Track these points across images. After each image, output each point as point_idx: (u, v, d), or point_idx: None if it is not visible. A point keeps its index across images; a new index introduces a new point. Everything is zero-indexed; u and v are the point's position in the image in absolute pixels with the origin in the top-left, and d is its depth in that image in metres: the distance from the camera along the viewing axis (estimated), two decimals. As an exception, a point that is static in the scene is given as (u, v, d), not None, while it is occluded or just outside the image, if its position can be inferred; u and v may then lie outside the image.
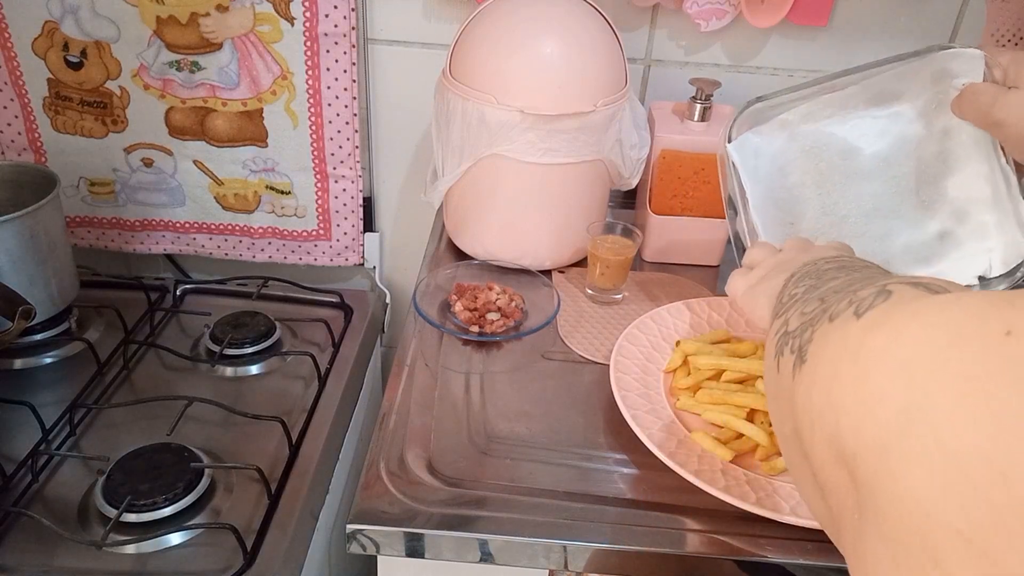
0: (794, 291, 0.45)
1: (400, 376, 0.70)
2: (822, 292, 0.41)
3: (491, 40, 0.77)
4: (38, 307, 0.82)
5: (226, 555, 0.67)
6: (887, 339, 0.29)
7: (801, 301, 0.42)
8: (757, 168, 0.69)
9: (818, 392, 0.32)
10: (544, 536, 0.56)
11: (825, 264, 0.48)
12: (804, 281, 0.46)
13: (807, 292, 0.43)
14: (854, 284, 0.38)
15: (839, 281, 0.42)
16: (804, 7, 0.89)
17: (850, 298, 0.34)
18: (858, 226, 0.69)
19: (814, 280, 0.45)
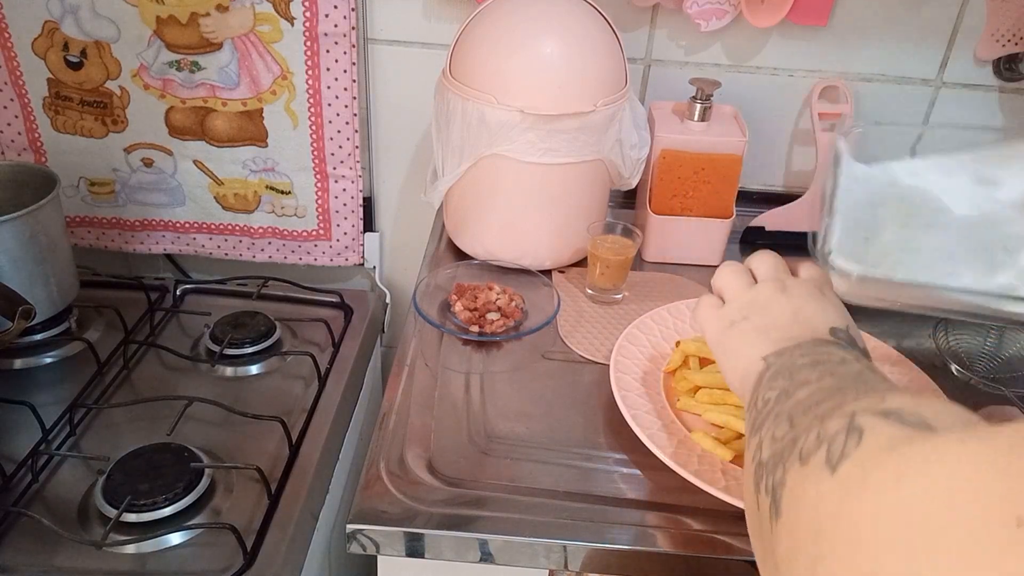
0: (767, 395, 0.43)
1: (400, 376, 0.70)
2: (792, 407, 0.39)
3: (491, 40, 0.77)
4: (38, 307, 0.82)
5: (226, 555, 0.67)
6: (872, 511, 0.27)
7: (773, 416, 0.40)
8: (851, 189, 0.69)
9: (802, 563, 0.30)
10: (544, 536, 0.56)
11: (800, 356, 0.45)
12: (777, 381, 0.44)
13: (779, 401, 0.41)
14: (822, 401, 0.36)
15: (810, 389, 0.39)
16: (804, 7, 0.89)
17: (818, 431, 0.33)
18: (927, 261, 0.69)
19: (786, 381, 0.43)
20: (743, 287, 0.55)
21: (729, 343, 0.52)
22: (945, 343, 0.87)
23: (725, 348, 0.53)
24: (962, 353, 0.86)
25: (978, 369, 0.85)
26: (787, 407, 0.39)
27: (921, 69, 0.95)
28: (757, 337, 0.50)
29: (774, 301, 0.52)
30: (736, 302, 0.54)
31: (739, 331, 0.52)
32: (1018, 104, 0.97)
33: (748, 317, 0.52)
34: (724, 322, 0.53)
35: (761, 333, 0.50)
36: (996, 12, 0.91)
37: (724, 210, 0.88)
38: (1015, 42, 0.92)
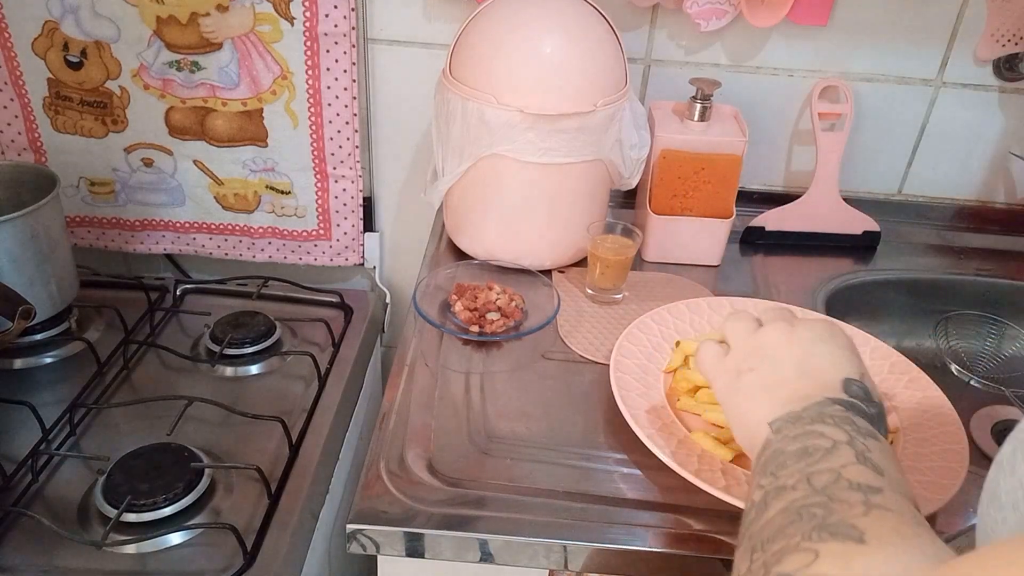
0: (755, 495, 0.41)
1: (400, 376, 0.70)
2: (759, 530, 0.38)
3: (491, 40, 0.77)
4: (38, 307, 0.82)
5: (226, 555, 0.67)
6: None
7: (747, 539, 0.38)
8: None
9: None
10: (544, 536, 0.56)
11: (794, 439, 0.43)
12: (765, 477, 0.42)
13: (758, 511, 0.40)
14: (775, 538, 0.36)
15: (778, 507, 0.38)
16: (804, 7, 0.89)
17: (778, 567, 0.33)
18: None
19: (770, 480, 0.41)
20: (748, 331, 0.52)
21: (736, 400, 0.50)
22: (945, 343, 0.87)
23: (732, 405, 0.51)
24: (962, 353, 0.86)
25: (978, 369, 0.85)
26: (756, 529, 0.38)
27: (921, 69, 0.95)
28: (764, 395, 0.48)
29: (781, 346, 0.49)
30: (741, 349, 0.51)
31: (746, 385, 0.49)
32: (1018, 104, 0.97)
33: (754, 368, 0.49)
34: (730, 373, 0.51)
35: (768, 390, 0.48)
36: (996, 12, 0.91)
37: (724, 210, 0.88)
38: (1015, 42, 0.92)
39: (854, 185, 1.02)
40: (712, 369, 0.53)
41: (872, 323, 0.87)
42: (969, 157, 1.01)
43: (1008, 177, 1.03)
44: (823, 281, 0.89)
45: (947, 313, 0.89)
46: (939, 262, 0.97)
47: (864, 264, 0.94)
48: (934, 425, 0.63)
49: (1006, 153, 1.01)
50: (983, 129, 0.99)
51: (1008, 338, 0.87)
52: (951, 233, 1.03)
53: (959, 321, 0.88)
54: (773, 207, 0.96)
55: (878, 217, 0.97)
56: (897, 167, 1.02)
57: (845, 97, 0.93)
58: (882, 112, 0.98)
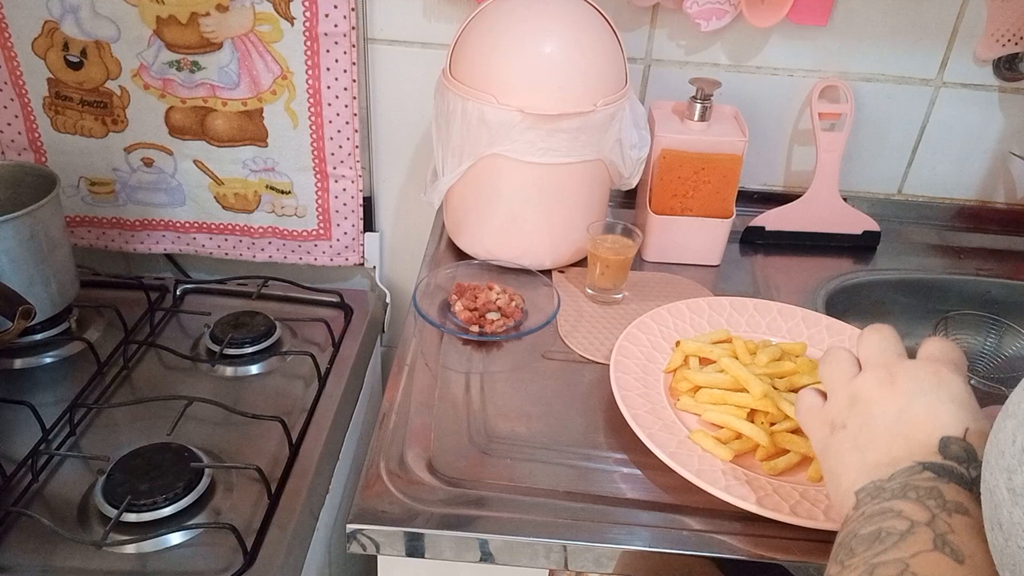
0: (831, 570, 0.39)
1: (400, 376, 0.70)
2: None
3: (491, 40, 0.77)
4: (38, 307, 0.82)
5: (226, 555, 0.67)
6: None
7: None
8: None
9: None
10: (544, 536, 0.56)
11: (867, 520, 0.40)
12: (838, 557, 0.39)
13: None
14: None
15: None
16: (804, 7, 0.89)
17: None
18: None
19: (839, 565, 0.38)
20: (846, 377, 0.48)
21: (828, 460, 0.47)
22: (945, 343, 0.86)
23: (825, 465, 0.47)
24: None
25: (978, 369, 0.85)
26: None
27: (921, 69, 0.95)
28: (853, 457, 0.44)
29: (877, 399, 0.45)
30: (837, 399, 0.48)
31: (837, 443, 0.46)
32: (1018, 104, 0.97)
33: (847, 424, 0.46)
34: (824, 427, 0.48)
35: (858, 451, 0.44)
36: (996, 12, 0.91)
37: (724, 210, 0.88)
38: (1015, 42, 0.92)
39: (854, 185, 1.02)
40: (809, 421, 0.50)
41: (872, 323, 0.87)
42: (969, 157, 1.01)
43: (1008, 177, 1.03)
44: (823, 281, 0.89)
45: (947, 313, 0.88)
46: (939, 262, 0.97)
47: (864, 264, 0.94)
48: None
49: (1006, 153, 1.01)
50: (983, 129, 0.99)
51: (1008, 338, 0.87)
52: (951, 233, 1.03)
53: (959, 321, 0.88)
54: (773, 207, 0.96)
55: (878, 217, 0.97)
56: (897, 167, 1.02)
57: (845, 97, 0.93)
58: (882, 112, 0.98)
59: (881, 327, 0.49)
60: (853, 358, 0.49)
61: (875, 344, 0.48)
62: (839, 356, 0.50)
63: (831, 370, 0.49)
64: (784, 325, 0.76)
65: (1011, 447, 0.31)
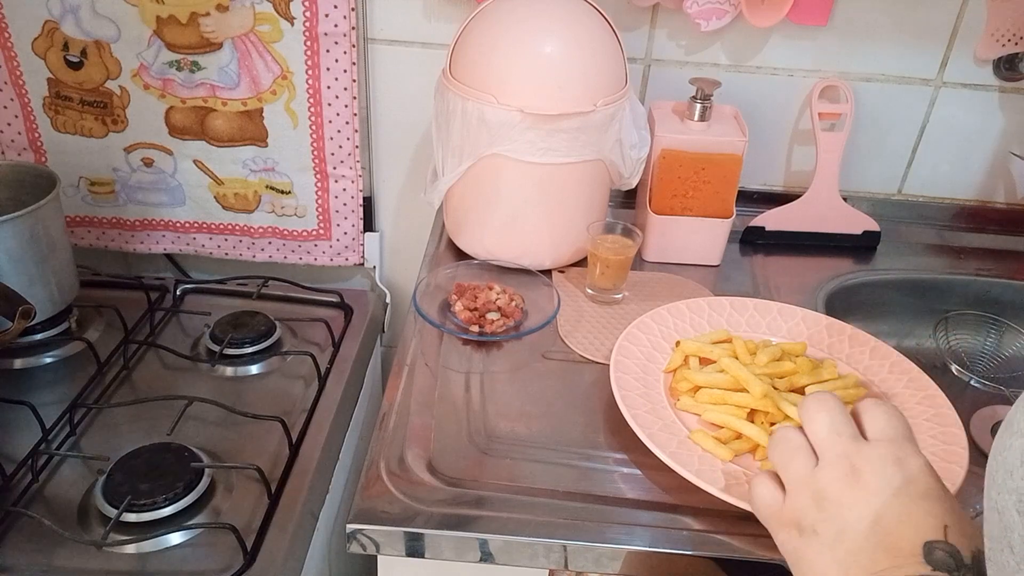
0: None
1: (400, 376, 0.70)
2: None
3: (491, 40, 0.77)
4: (38, 307, 0.82)
5: (226, 555, 0.67)
6: None
7: None
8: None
9: None
10: (544, 536, 0.56)
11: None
12: None
13: None
14: None
15: None
16: (804, 7, 0.89)
17: None
18: None
19: None
20: (805, 471, 0.45)
21: (803, 566, 0.44)
22: (945, 343, 0.87)
23: (799, 570, 0.45)
24: (962, 353, 0.86)
25: (978, 369, 0.85)
26: None
27: (921, 69, 0.95)
28: (831, 563, 0.42)
29: (846, 503, 0.43)
30: (800, 496, 0.45)
31: (813, 552, 0.43)
32: (1018, 104, 0.97)
33: (817, 530, 0.43)
34: (791, 529, 0.45)
35: (838, 565, 0.42)
36: (996, 12, 0.91)
37: (724, 210, 0.88)
38: (1015, 42, 0.92)
39: (854, 185, 1.02)
40: (770, 520, 0.48)
41: (872, 323, 0.87)
42: (969, 157, 1.01)
43: (1008, 177, 1.03)
44: (823, 281, 0.89)
45: (947, 313, 0.89)
46: (939, 262, 0.97)
47: (864, 264, 0.94)
48: (934, 425, 0.63)
49: (1006, 153, 1.01)
50: (983, 129, 0.99)
51: (1008, 338, 0.87)
52: (951, 233, 1.03)
53: (959, 321, 0.88)
54: (773, 207, 0.96)
55: (878, 217, 0.97)
56: (897, 167, 1.02)
57: (845, 97, 0.93)
58: (882, 112, 0.98)
59: (824, 399, 0.47)
60: (807, 444, 0.47)
61: (826, 426, 0.46)
62: (792, 443, 0.47)
63: (787, 461, 0.47)
64: (784, 325, 0.76)
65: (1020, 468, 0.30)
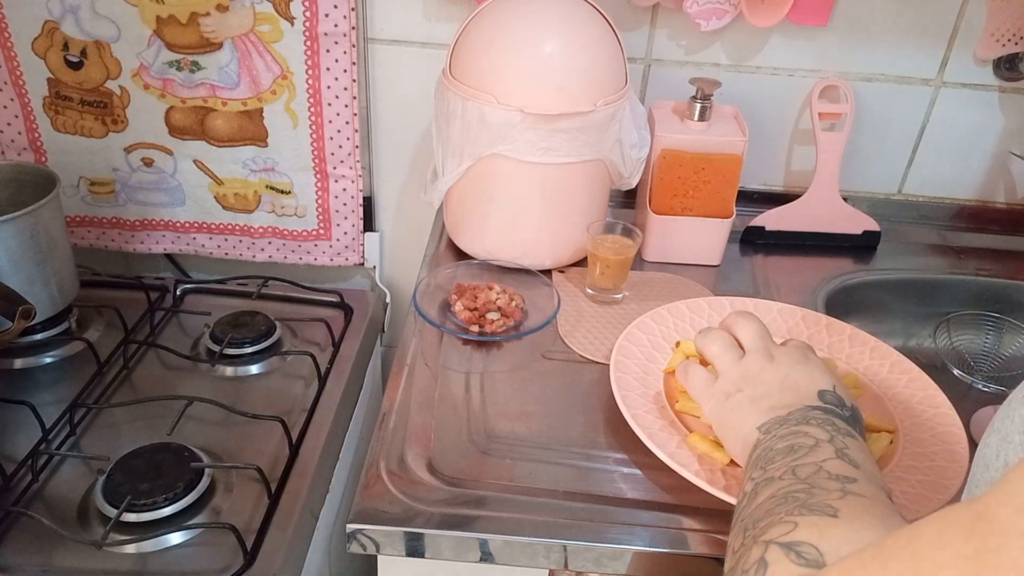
0: (746, 486, 0.47)
1: (400, 376, 0.70)
2: (750, 514, 0.43)
3: (491, 40, 0.77)
4: (38, 307, 0.82)
5: (226, 555, 0.67)
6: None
7: (739, 522, 0.44)
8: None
9: None
10: (544, 536, 0.56)
11: (781, 439, 0.49)
12: (755, 471, 0.48)
13: (749, 499, 0.45)
14: (763, 519, 0.41)
15: (767, 493, 0.44)
16: (804, 7, 0.89)
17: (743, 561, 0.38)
18: None
19: (760, 473, 0.47)
20: (733, 360, 0.59)
21: (727, 417, 0.56)
22: (946, 343, 0.87)
23: (723, 422, 0.57)
24: (963, 353, 0.86)
25: (979, 369, 0.85)
26: (747, 513, 0.44)
27: (921, 69, 0.95)
28: (751, 407, 0.54)
29: (764, 370, 0.56)
30: (728, 375, 0.58)
31: (734, 403, 0.56)
32: (1018, 104, 0.97)
33: (742, 389, 0.56)
34: (720, 396, 0.57)
35: (754, 403, 0.54)
36: (996, 12, 0.91)
37: (724, 210, 0.88)
38: (1015, 42, 0.92)
39: (854, 185, 1.02)
40: (703, 393, 0.60)
41: (872, 323, 0.87)
42: (969, 157, 1.01)
43: (1008, 177, 1.03)
44: (823, 281, 0.89)
45: (947, 313, 0.88)
46: (939, 262, 0.97)
47: (864, 264, 0.94)
48: (934, 425, 0.63)
49: (1006, 153, 1.01)
50: (983, 129, 0.99)
51: (1008, 338, 0.87)
52: (951, 233, 1.03)
53: (959, 321, 0.88)
54: (773, 207, 0.96)
55: (878, 217, 0.97)
56: (897, 167, 1.02)
57: (845, 97, 0.93)
58: (882, 112, 0.98)
59: (750, 316, 0.61)
60: (734, 342, 0.60)
61: (753, 331, 0.60)
62: (726, 341, 0.60)
63: (719, 353, 0.60)
64: (784, 325, 0.76)
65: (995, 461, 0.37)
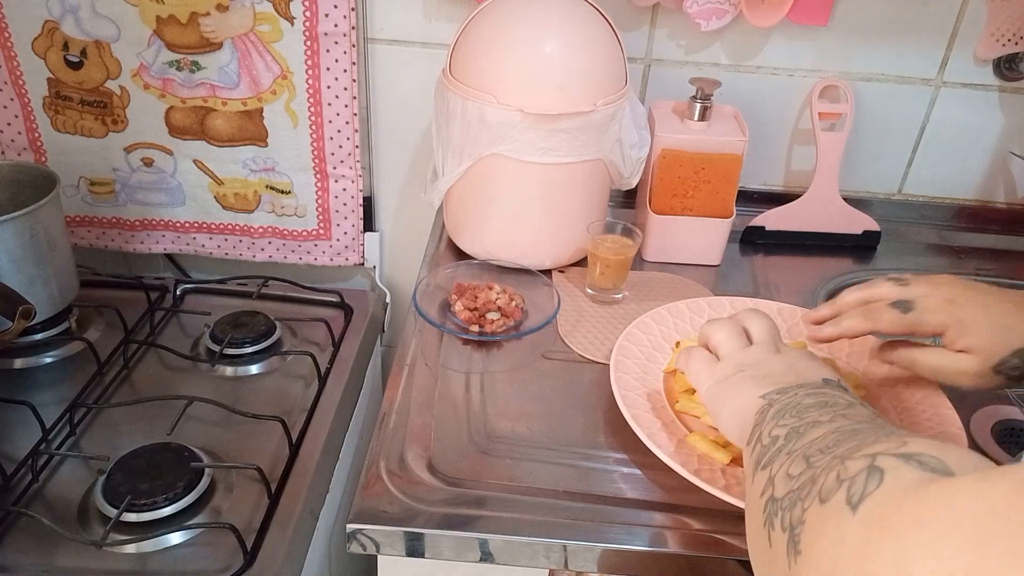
0: (775, 432, 0.43)
1: (400, 376, 0.70)
2: (806, 446, 0.39)
3: (491, 40, 0.77)
4: (38, 307, 0.82)
5: (226, 555, 0.67)
6: (894, 554, 0.27)
7: (785, 454, 0.40)
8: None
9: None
10: (544, 536, 0.56)
11: (806, 396, 0.46)
12: (785, 419, 0.44)
13: (789, 439, 0.42)
14: (840, 443, 0.37)
15: (823, 429, 0.40)
16: (804, 6, 0.89)
17: (838, 471, 0.33)
18: None
19: (795, 420, 0.43)
20: (738, 347, 0.56)
21: (723, 392, 0.54)
22: (945, 343, 0.86)
23: (719, 397, 0.54)
24: (962, 353, 0.86)
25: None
26: (800, 445, 0.40)
27: (921, 69, 0.95)
28: (753, 383, 0.52)
29: (769, 357, 0.54)
30: (731, 359, 0.56)
31: (734, 381, 0.53)
32: (1018, 104, 0.97)
33: (743, 370, 0.54)
34: (718, 376, 0.55)
35: (756, 380, 0.52)
36: (996, 12, 0.91)
37: (724, 210, 0.88)
38: (1015, 42, 0.92)
39: (854, 185, 1.02)
40: (701, 373, 0.57)
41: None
42: (969, 157, 1.01)
43: (1008, 177, 1.03)
44: (823, 281, 0.89)
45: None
46: (939, 262, 0.97)
47: (864, 264, 0.95)
48: (934, 425, 0.63)
49: (1006, 153, 1.01)
50: (983, 129, 0.99)
51: (1008, 338, 0.87)
52: (951, 233, 1.03)
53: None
54: (773, 207, 0.96)
55: (878, 217, 0.97)
56: (897, 167, 1.02)
57: (845, 97, 0.93)
58: (882, 112, 0.98)
59: (764, 315, 0.59)
60: (743, 331, 0.58)
61: (764, 326, 0.58)
62: (731, 328, 0.58)
63: (724, 338, 0.57)
64: (784, 325, 0.76)
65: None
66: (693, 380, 0.59)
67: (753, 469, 0.43)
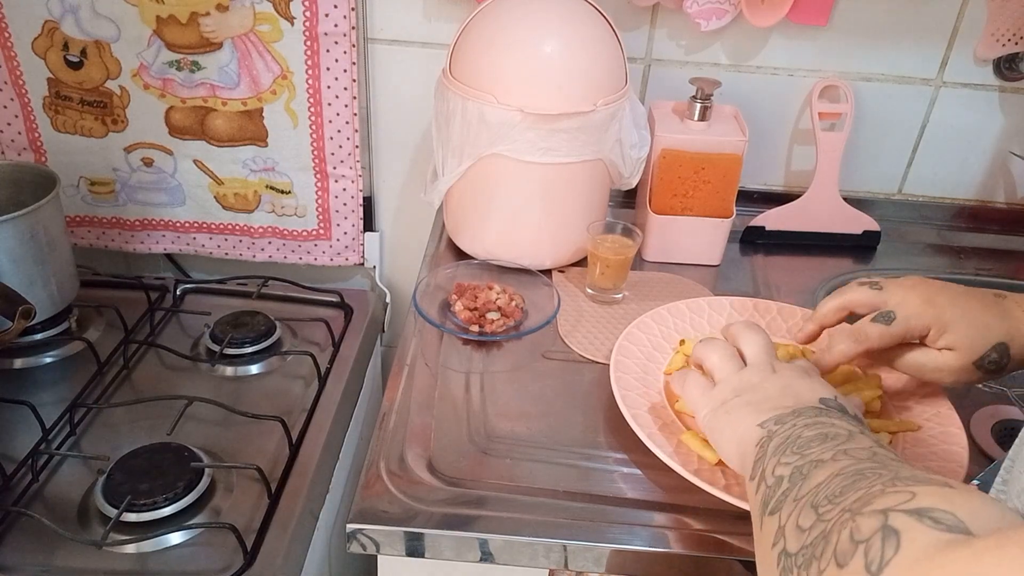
0: (779, 471, 0.43)
1: (400, 376, 0.70)
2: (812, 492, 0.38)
3: (491, 40, 0.77)
4: (38, 307, 0.82)
5: (226, 555, 0.67)
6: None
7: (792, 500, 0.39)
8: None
9: None
10: (544, 536, 0.56)
11: (805, 428, 0.45)
12: (787, 455, 0.43)
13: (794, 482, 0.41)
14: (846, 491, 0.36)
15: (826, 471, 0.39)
16: (804, 6, 0.89)
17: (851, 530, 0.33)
18: None
19: (797, 458, 0.42)
20: (733, 370, 0.56)
21: (721, 419, 0.53)
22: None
23: (717, 425, 0.53)
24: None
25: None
26: (807, 492, 0.39)
27: (921, 69, 0.95)
28: (750, 410, 0.51)
29: (765, 380, 0.54)
30: (727, 383, 0.55)
31: (731, 407, 0.53)
32: (1018, 104, 0.97)
33: (740, 395, 0.53)
34: (715, 402, 0.54)
35: (753, 406, 0.51)
36: (996, 12, 0.91)
37: (724, 210, 0.88)
38: (1015, 42, 0.92)
39: (854, 185, 1.02)
40: (699, 399, 0.56)
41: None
42: (969, 157, 1.01)
43: (1008, 177, 1.03)
44: (823, 281, 0.89)
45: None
46: (939, 262, 0.97)
47: (864, 264, 0.95)
48: (934, 425, 0.63)
49: (1006, 153, 1.01)
50: (983, 129, 0.99)
51: (1008, 338, 0.87)
52: (951, 233, 1.03)
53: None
54: (773, 207, 0.96)
55: (878, 217, 0.97)
56: (897, 167, 1.02)
57: (845, 97, 0.93)
58: (882, 112, 0.98)
59: (757, 330, 0.59)
60: (736, 352, 0.58)
61: (758, 345, 0.57)
62: (725, 350, 0.58)
63: (718, 361, 0.57)
64: (784, 325, 0.76)
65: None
66: (690, 407, 0.59)
67: (761, 512, 0.42)
